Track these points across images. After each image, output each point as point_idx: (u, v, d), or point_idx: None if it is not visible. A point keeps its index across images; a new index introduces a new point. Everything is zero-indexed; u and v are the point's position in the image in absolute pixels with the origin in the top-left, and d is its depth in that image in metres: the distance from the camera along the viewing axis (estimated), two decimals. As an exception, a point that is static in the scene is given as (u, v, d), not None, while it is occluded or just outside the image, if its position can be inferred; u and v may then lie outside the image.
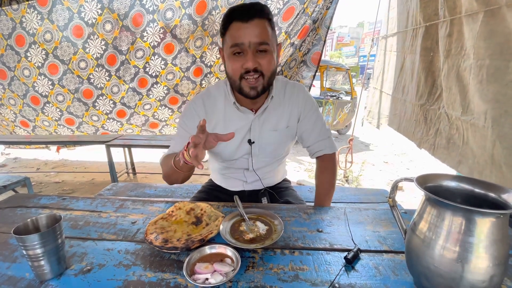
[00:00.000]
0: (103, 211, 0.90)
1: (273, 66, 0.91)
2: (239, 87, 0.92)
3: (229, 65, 0.91)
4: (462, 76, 1.15)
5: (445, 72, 1.30)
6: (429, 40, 1.53)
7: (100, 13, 2.20)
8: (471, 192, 0.54)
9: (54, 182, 3.26)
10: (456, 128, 1.16)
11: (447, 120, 1.25)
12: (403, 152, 4.85)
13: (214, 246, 0.64)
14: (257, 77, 0.88)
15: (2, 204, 0.99)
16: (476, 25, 1.07)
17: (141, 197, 1.49)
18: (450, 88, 1.25)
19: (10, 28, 2.39)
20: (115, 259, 0.65)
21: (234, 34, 0.85)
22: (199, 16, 2.18)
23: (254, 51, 0.85)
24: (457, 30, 1.23)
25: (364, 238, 0.73)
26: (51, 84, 2.56)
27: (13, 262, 0.66)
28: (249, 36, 0.83)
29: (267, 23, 0.87)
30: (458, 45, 1.21)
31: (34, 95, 2.67)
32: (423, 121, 1.47)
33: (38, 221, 0.61)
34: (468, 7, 1.15)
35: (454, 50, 1.24)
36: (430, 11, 1.57)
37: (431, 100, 1.44)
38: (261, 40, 0.84)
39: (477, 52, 1.07)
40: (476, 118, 1.02)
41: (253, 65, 0.85)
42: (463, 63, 1.16)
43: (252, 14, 0.83)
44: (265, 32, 0.85)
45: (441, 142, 1.25)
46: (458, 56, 1.20)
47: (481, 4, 1.08)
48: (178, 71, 2.49)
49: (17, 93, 2.70)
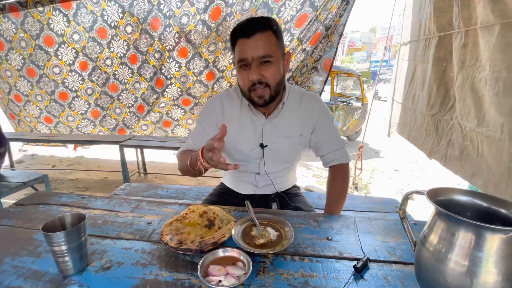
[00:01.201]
0: (120, 211, 0.94)
1: (278, 76, 0.96)
2: (249, 98, 0.98)
3: (239, 78, 0.99)
4: (477, 88, 1.14)
5: (459, 82, 1.29)
6: (442, 50, 1.52)
7: (121, 16, 2.32)
8: (482, 207, 0.54)
9: (68, 179, 3.37)
10: (470, 140, 1.14)
11: (460, 131, 1.23)
12: (414, 160, 4.77)
13: (227, 249, 0.67)
14: (263, 87, 0.93)
15: (25, 201, 1.04)
16: (493, 37, 1.07)
17: (154, 198, 1.53)
18: (464, 99, 1.24)
19: (37, 29, 2.54)
20: (132, 258, 0.69)
21: (239, 49, 0.92)
22: (213, 21, 2.24)
23: (257, 64, 0.91)
24: (472, 41, 1.23)
25: (374, 248, 0.74)
26: (82, 79, 2.76)
27: (38, 257, 0.70)
28: (251, 51, 0.89)
29: (271, 34, 0.91)
30: (473, 56, 1.20)
31: (63, 91, 2.85)
32: (434, 131, 1.46)
33: (64, 219, 0.65)
34: (484, 19, 1.15)
35: (469, 61, 1.23)
36: (444, 21, 1.57)
37: (443, 110, 1.43)
38: (263, 54, 0.89)
39: (493, 64, 1.06)
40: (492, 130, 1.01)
41: (257, 77, 0.91)
42: (478, 74, 1.15)
43: (253, 29, 0.88)
44: (267, 44, 0.90)
45: (453, 153, 1.23)
46: (473, 67, 1.19)
47: (498, 16, 1.07)
48: (191, 75, 2.56)
49: (45, 90, 2.88)
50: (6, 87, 3.02)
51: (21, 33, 2.59)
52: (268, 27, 0.90)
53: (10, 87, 3.00)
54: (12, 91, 3.02)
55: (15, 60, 2.77)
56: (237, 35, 0.92)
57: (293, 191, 1.25)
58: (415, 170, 4.27)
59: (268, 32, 0.90)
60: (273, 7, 2.12)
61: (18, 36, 2.62)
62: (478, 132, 1.08)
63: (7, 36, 2.64)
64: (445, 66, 1.47)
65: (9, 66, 2.83)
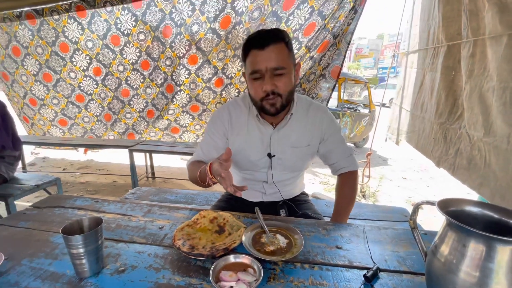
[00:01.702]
0: (133, 215, 0.96)
1: (290, 86, 0.98)
2: (260, 107, 1.00)
3: (250, 88, 1.00)
4: (485, 97, 1.14)
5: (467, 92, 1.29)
6: (451, 59, 1.52)
7: (134, 24, 2.40)
8: (493, 218, 0.54)
9: (79, 182, 3.44)
10: (478, 149, 1.14)
11: (468, 140, 1.23)
12: (422, 169, 4.70)
13: (238, 255, 0.68)
14: (275, 96, 0.95)
15: (41, 203, 1.08)
16: (500, 48, 1.07)
17: (163, 202, 1.56)
18: (472, 108, 1.23)
19: (53, 36, 2.64)
20: (146, 262, 0.71)
21: (252, 61, 0.94)
22: (223, 30, 2.29)
23: (271, 75, 0.93)
24: (480, 51, 1.23)
25: (383, 257, 0.74)
26: (95, 84, 2.86)
27: (55, 259, 0.73)
28: (265, 62, 0.91)
29: (284, 46, 0.93)
30: (481, 66, 1.20)
31: (79, 94, 2.97)
32: (443, 140, 1.45)
33: (82, 222, 0.68)
34: (492, 29, 1.15)
35: (477, 70, 1.23)
36: (452, 30, 1.57)
37: (451, 119, 1.43)
38: (277, 65, 0.91)
39: (500, 74, 1.06)
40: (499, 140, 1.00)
41: (270, 88, 0.93)
42: (486, 84, 1.15)
43: (267, 41, 0.90)
44: (280, 56, 0.92)
45: (461, 162, 1.23)
46: (481, 77, 1.19)
47: (506, 27, 1.08)
48: (200, 82, 2.61)
49: (62, 93, 2.99)
50: (21, 91, 3.13)
51: (38, 39, 2.70)
52: (281, 39, 0.92)
53: (26, 91, 3.10)
54: (28, 95, 3.13)
55: (31, 65, 2.87)
56: (250, 46, 0.94)
57: (301, 198, 1.26)
58: (424, 179, 4.22)
59: (281, 44, 0.92)
60: (281, 16, 2.16)
61: (34, 42, 2.72)
62: (485, 141, 1.07)
63: (24, 42, 2.75)
64: (453, 75, 1.47)
65: (25, 71, 2.94)
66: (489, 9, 1.15)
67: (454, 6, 1.56)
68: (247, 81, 1.01)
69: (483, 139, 1.10)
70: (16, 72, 2.98)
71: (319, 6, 2.09)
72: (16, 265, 0.70)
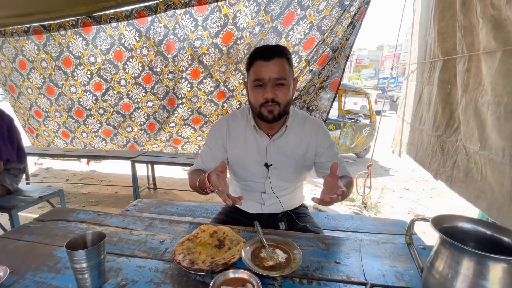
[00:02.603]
0: (134, 229, 0.98)
1: (288, 97, 1.05)
2: (259, 113, 1.05)
3: (251, 95, 1.06)
4: (480, 111, 1.16)
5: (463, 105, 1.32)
6: (447, 73, 1.56)
7: (138, 40, 2.47)
8: (486, 235, 0.56)
9: (81, 193, 3.45)
10: (474, 162, 1.15)
11: (465, 153, 1.24)
12: (424, 179, 4.68)
13: (237, 270, 0.69)
14: (274, 104, 1.02)
15: (45, 217, 1.09)
16: (494, 63, 1.10)
17: (164, 215, 1.57)
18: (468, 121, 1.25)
19: (58, 51, 2.71)
20: (146, 276, 0.72)
21: (257, 70, 1.01)
22: (225, 45, 2.35)
23: (273, 84, 1.00)
24: (475, 66, 1.26)
25: (382, 272, 0.75)
26: (95, 99, 2.90)
27: (58, 273, 0.74)
28: (269, 72, 0.99)
29: (285, 62, 1.02)
30: (476, 81, 1.23)
31: (78, 109, 3.00)
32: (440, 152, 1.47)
33: (85, 237, 0.69)
34: (486, 45, 1.19)
35: (472, 85, 1.26)
36: (448, 45, 1.61)
37: (448, 132, 1.45)
38: (279, 76, 0.99)
39: (495, 89, 1.09)
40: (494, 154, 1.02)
41: (271, 96, 1.00)
42: (481, 98, 1.17)
43: (272, 54, 0.99)
44: (283, 69, 1.00)
45: (458, 175, 1.24)
46: (476, 91, 1.21)
47: (500, 43, 1.11)
48: (202, 95, 2.66)
49: (63, 107, 3.04)
50: (27, 103, 3.20)
51: (43, 54, 2.77)
52: (285, 55, 1.01)
53: (31, 103, 3.17)
54: (33, 107, 3.19)
55: (36, 79, 2.94)
56: (256, 57, 1.01)
57: (301, 211, 1.27)
58: (426, 190, 4.19)
59: (284, 59, 1.01)
60: (282, 31, 2.22)
61: (40, 57, 2.80)
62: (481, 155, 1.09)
63: (30, 56, 2.83)
64: (450, 89, 1.50)
65: (30, 84, 3.01)
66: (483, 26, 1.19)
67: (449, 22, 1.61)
68: (249, 88, 1.07)
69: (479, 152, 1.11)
70: (22, 85, 3.05)
71: (318, 22, 2.15)
72: (20, 279, 0.71)
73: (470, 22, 1.34)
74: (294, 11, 2.15)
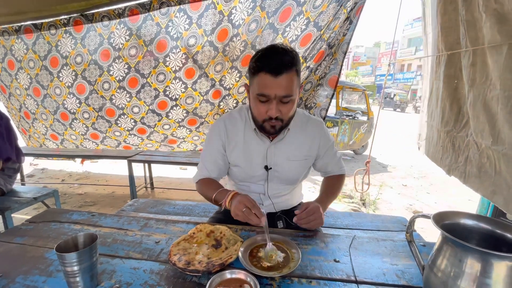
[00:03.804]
0: (129, 229, 0.95)
1: (293, 112, 1.01)
2: (260, 126, 1.01)
3: (254, 107, 0.99)
4: (489, 106, 1.13)
5: (470, 100, 1.28)
6: (452, 68, 1.52)
7: (127, 39, 2.38)
8: (489, 231, 0.54)
9: (77, 193, 3.42)
10: (487, 157, 1.11)
11: (476, 148, 1.21)
12: (422, 175, 4.69)
13: (234, 271, 0.67)
14: (277, 121, 0.97)
15: (37, 218, 1.07)
16: (501, 57, 1.07)
17: (161, 214, 1.55)
18: (478, 117, 1.22)
19: (46, 51, 2.63)
20: (141, 278, 0.70)
21: (262, 84, 0.91)
22: (220, 42, 2.32)
23: (278, 102, 0.93)
24: (481, 60, 1.23)
25: (382, 271, 0.73)
26: (79, 102, 2.78)
27: (49, 276, 0.72)
28: (275, 90, 0.90)
29: (294, 75, 0.92)
30: (483, 75, 1.20)
31: (63, 112, 2.90)
32: (451, 148, 1.43)
33: (77, 239, 0.67)
34: (491, 39, 1.16)
35: (479, 79, 1.22)
36: (451, 39, 1.58)
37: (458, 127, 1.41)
38: (286, 94, 0.91)
39: (503, 83, 1.06)
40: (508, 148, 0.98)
41: (275, 114, 0.94)
42: (490, 92, 1.13)
43: (281, 69, 0.88)
44: (291, 85, 0.91)
45: (472, 170, 1.21)
46: (484, 85, 1.18)
47: (505, 36, 1.08)
48: (197, 96, 2.60)
49: (49, 109, 2.94)
50: (17, 104, 3.12)
51: (31, 53, 2.68)
52: (294, 66, 0.91)
53: (20, 104, 3.09)
54: (22, 108, 3.11)
55: (23, 79, 2.84)
56: (263, 68, 0.90)
57: (299, 209, 1.26)
58: (424, 186, 4.20)
59: (293, 72, 0.91)
60: (278, 27, 2.19)
61: (27, 56, 2.70)
62: (494, 149, 1.05)
63: (18, 56, 2.73)
64: (456, 84, 1.46)
65: (18, 85, 2.92)
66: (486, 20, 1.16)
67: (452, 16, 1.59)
68: (251, 97, 1.00)
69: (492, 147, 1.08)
70: (11, 86, 2.97)
71: (315, 18, 2.13)
72: (10, 283, 0.69)
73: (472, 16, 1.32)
74: (291, 7, 2.12)
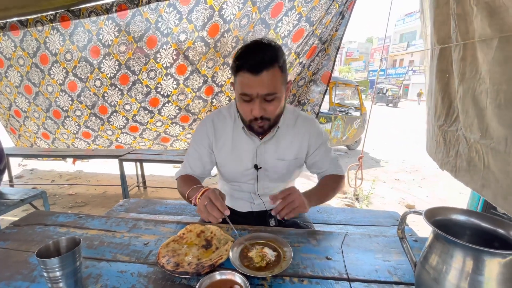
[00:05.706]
0: (117, 231, 0.93)
1: (280, 110, 0.97)
2: (248, 126, 0.99)
3: (239, 106, 0.97)
4: (478, 100, 1.13)
5: (460, 95, 1.29)
6: (444, 62, 1.52)
7: (117, 35, 2.33)
8: (481, 226, 0.54)
9: (67, 194, 3.35)
10: (476, 151, 1.12)
11: (466, 142, 1.22)
12: (414, 169, 4.75)
13: (224, 272, 0.66)
14: (263, 121, 0.94)
15: (22, 221, 1.03)
16: (491, 51, 1.07)
17: (152, 214, 1.52)
18: (467, 111, 1.22)
19: (35, 48, 2.57)
20: (128, 282, 0.68)
21: (243, 83, 0.88)
22: (211, 38, 2.28)
23: (261, 100, 0.89)
24: (471, 54, 1.23)
25: (374, 267, 0.72)
26: (71, 100, 2.74)
27: (33, 281, 0.69)
28: (257, 88, 0.86)
29: (277, 71, 0.87)
30: (473, 69, 1.20)
31: (56, 109, 2.85)
32: (443, 142, 1.44)
33: (59, 243, 0.65)
34: (481, 33, 1.15)
35: (469, 73, 1.23)
36: (443, 34, 1.58)
37: (448, 121, 1.42)
38: (269, 92, 0.87)
39: (493, 77, 1.06)
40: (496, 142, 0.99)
41: (259, 114, 0.91)
42: (479, 87, 1.14)
43: (261, 67, 0.83)
44: (273, 82, 0.87)
45: (462, 164, 1.22)
46: (473, 79, 1.18)
47: (495, 30, 1.07)
48: (189, 92, 2.57)
49: (41, 107, 2.89)
50: (6, 102, 3.05)
51: (20, 51, 2.62)
52: (276, 62, 0.86)
53: (11, 102, 3.02)
54: (12, 106, 3.05)
55: (13, 77, 2.79)
56: (242, 66, 0.86)
57: (291, 207, 1.24)
58: (416, 180, 4.25)
59: (274, 68, 0.86)
60: (270, 23, 2.16)
61: (16, 54, 2.64)
62: (482, 144, 1.06)
63: (6, 53, 2.67)
64: (448, 78, 1.47)
65: (8, 83, 2.85)
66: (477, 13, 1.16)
67: (443, 10, 1.58)
68: (236, 97, 0.97)
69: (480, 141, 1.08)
70: (1, 84, 2.90)
71: (307, 13, 2.11)
72: (-9, 291, 0.66)
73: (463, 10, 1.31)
74: (282, 2, 2.09)
